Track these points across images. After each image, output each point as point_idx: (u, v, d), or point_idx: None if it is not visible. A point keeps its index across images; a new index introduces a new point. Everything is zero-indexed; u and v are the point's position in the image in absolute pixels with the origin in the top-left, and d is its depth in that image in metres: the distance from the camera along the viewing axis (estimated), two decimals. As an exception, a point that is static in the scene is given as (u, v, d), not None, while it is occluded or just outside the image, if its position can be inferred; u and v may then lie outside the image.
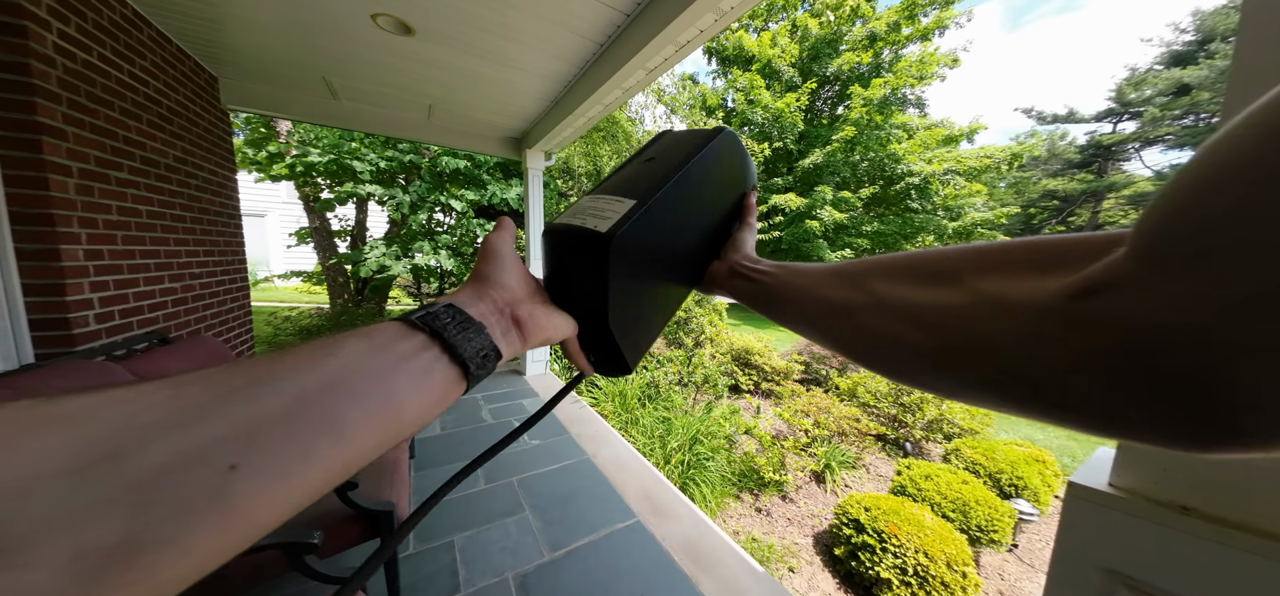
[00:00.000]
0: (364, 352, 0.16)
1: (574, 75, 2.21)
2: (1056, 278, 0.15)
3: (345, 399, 0.15)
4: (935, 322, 0.19)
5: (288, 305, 7.08)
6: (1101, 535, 0.53)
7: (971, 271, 0.19)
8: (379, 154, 5.21)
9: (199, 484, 0.11)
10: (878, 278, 0.23)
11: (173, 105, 2.00)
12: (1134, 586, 0.51)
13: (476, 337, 0.20)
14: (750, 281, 0.33)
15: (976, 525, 2.69)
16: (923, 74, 10.77)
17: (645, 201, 0.29)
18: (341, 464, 0.14)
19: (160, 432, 0.11)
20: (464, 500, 1.72)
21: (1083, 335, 0.14)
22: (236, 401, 0.13)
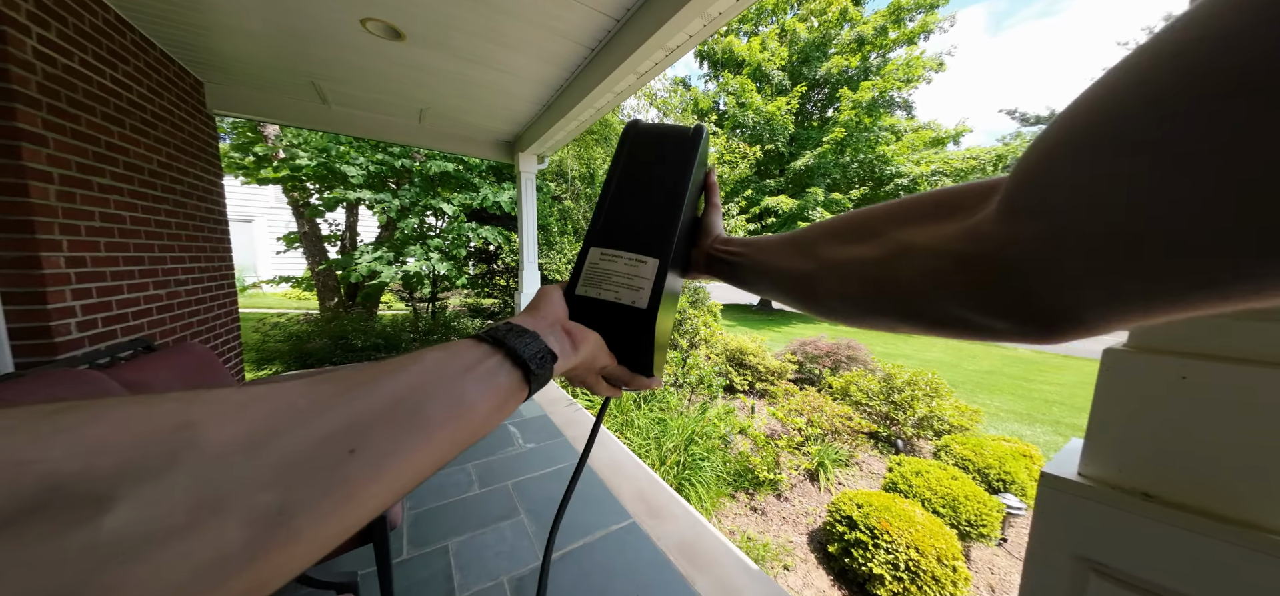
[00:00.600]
0: (440, 361, 0.19)
1: (565, 80, 2.22)
2: (952, 223, 0.19)
3: (429, 399, 0.18)
4: (863, 273, 0.24)
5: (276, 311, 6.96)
6: (1072, 523, 0.55)
7: (891, 226, 0.23)
8: (369, 158, 5.16)
9: (328, 463, 0.14)
10: (822, 243, 0.27)
11: (157, 110, 1.97)
12: (1103, 572, 0.53)
13: (532, 342, 0.23)
14: (726, 264, 0.36)
15: (966, 520, 2.74)
16: (909, 77, 10.99)
17: (665, 259, 0.31)
18: (428, 457, 0.17)
19: (306, 417, 0.14)
20: (458, 505, 1.71)
21: (966, 271, 0.18)
22: (352, 398, 0.16)
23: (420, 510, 1.66)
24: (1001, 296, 0.17)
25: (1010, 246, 0.16)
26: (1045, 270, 0.15)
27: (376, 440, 0.15)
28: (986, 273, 0.17)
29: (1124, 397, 0.53)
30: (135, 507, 0.10)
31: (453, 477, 1.93)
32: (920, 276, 0.20)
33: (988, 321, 0.18)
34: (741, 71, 12.46)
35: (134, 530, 0.10)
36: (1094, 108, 0.13)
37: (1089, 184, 0.13)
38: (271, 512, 0.12)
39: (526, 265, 3.51)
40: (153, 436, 0.11)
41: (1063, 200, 0.14)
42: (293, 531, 0.12)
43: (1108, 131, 0.12)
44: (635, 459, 2.18)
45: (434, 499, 1.75)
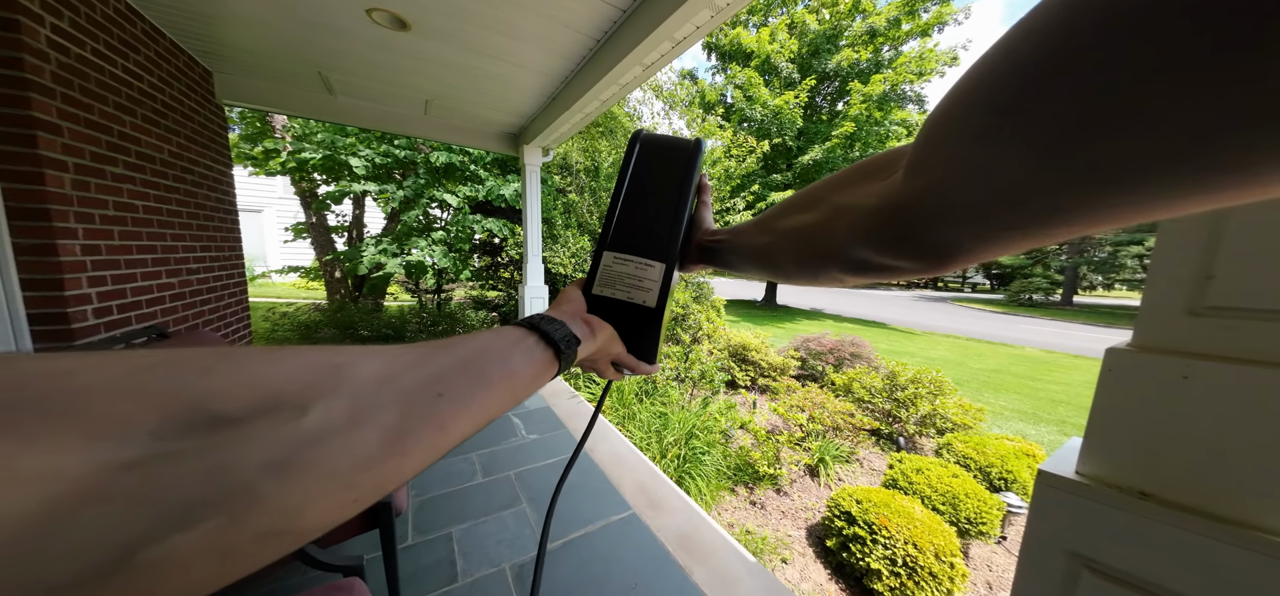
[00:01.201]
0: (492, 338, 0.25)
1: (571, 71, 2.20)
2: (876, 181, 0.23)
3: (487, 363, 0.23)
4: (808, 238, 0.28)
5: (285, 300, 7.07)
6: (1067, 520, 0.55)
7: (830, 191, 0.27)
8: (375, 149, 5.18)
9: (428, 400, 0.19)
10: (779, 217, 0.32)
11: (167, 100, 2.00)
12: (1095, 568, 0.53)
13: (561, 328, 0.29)
14: (714, 253, 0.40)
15: (966, 517, 2.74)
16: (922, 70, 10.76)
17: (671, 263, 0.36)
18: (488, 407, 0.22)
19: (411, 367, 0.19)
20: (461, 493, 1.75)
21: (880, 218, 0.22)
22: (438, 357, 0.21)
23: (425, 497, 1.70)
24: (901, 238, 0.21)
25: (908, 198, 0.19)
26: (930, 215, 0.18)
27: (456, 388, 0.20)
28: (890, 219, 0.21)
29: (1125, 396, 0.53)
30: (320, 414, 0.15)
31: (456, 467, 1.96)
32: (848, 231, 0.24)
33: (891, 260, 0.22)
34: (750, 64, 12.27)
35: (319, 428, 0.15)
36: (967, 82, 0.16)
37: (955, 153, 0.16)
38: (392, 429, 0.17)
39: (530, 258, 3.52)
40: (321, 369, 0.16)
41: (939, 161, 0.17)
42: (403, 445, 0.17)
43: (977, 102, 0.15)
44: (636, 451, 2.20)
45: (439, 487, 1.79)
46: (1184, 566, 0.47)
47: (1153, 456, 0.51)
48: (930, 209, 0.18)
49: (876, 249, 0.22)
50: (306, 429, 0.14)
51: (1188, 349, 0.49)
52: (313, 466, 0.14)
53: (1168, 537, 0.48)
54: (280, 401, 0.14)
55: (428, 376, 0.19)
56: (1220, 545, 0.45)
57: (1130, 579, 0.50)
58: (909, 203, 0.19)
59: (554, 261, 5.23)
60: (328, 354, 0.17)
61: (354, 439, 0.16)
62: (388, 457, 0.17)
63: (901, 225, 0.20)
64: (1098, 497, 0.53)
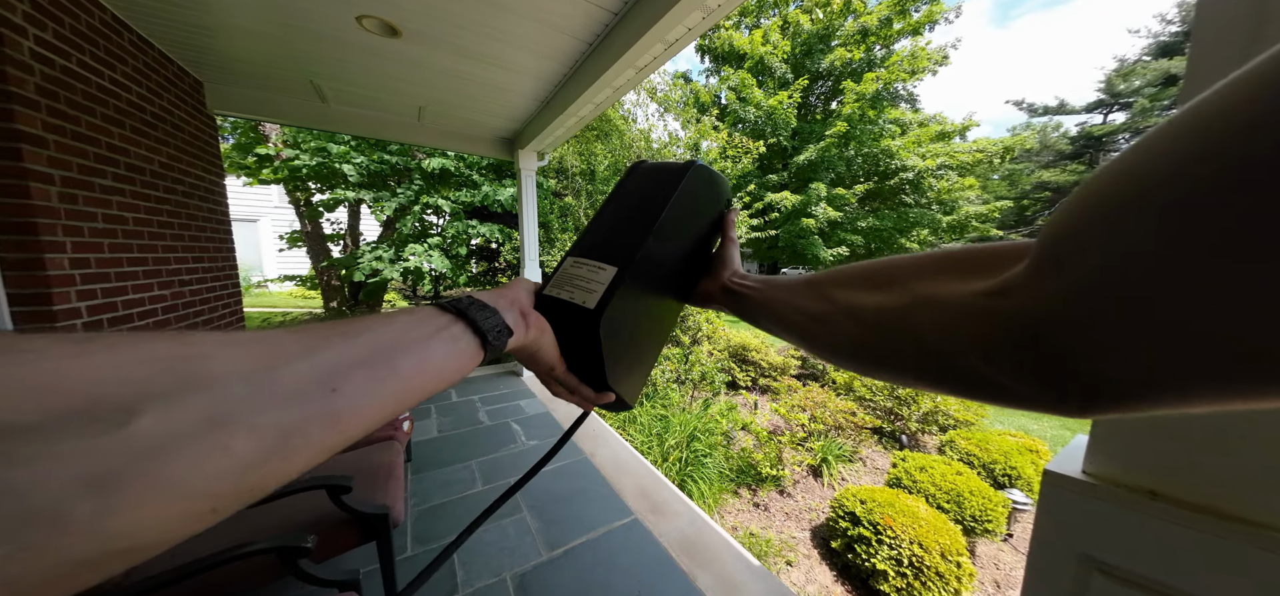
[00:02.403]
0: (411, 324, 0.22)
1: (564, 75, 2.20)
2: (981, 280, 0.18)
3: (400, 354, 0.20)
4: (880, 321, 0.23)
5: (282, 310, 7.02)
6: (1076, 521, 0.54)
7: (914, 277, 0.22)
8: (369, 156, 5.17)
9: (318, 397, 0.16)
10: (840, 287, 0.27)
11: (157, 111, 1.98)
12: (1108, 571, 0.52)
13: (492, 317, 0.26)
14: (740, 297, 0.37)
15: (971, 515, 2.73)
16: (914, 69, 10.83)
17: (625, 268, 0.32)
18: (397, 401, 0.20)
19: (296, 358, 0.17)
20: (461, 502, 1.73)
21: (990, 327, 0.17)
22: (335, 345, 0.18)
23: (424, 507, 1.68)
24: (1024, 356, 0.16)
25: (1038, 301, 0.15)
26: (1073, 331, 0.14)
27: (356, 383, 0.18)
28: (1011, 328, 0.16)
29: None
30: (158, 418, 0.13)
31: (456, 475, 1.94)
32: (942, 330, 0.19)
33: (1009, 382, 0.17)
34: (743, 65, 12.32)
35: (160, 434, 0.13)
36: (1164, 153, 0.12)
37: (1137, 250, 0.12)
38: (269, 431, 0.15)
39: (527, 262, 3.51)
40: (161, 364, 0.14)
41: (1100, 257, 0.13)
42: (288, 448, 0.15)
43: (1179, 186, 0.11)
44: (637, 456, 2.18)
45: (439, 496, 1.76)
46: (1199, 568, 0.46)
47: (1161, 455, 0.49)
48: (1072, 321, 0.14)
49: (996, 364, 0.17)
50: (135, 437, 0.12)
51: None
52: (148, 481, 0.12)
53: (1181, 538, 0.47)
54: (95, 404, 0.12)
55: (320, 369, 0.17)
56: (1235, 546, 0.44)
57: (1145, 582, 0.49)
58: (1040, 307, 0.15)
59: (551, 265, 5.22)
60: (176, 344, 0.14)
61: (209, 445, 0.13)
62: (262, 463, 0.14)
63: (1028, 338, 0.16)
64: (1106, 498, 0.52)
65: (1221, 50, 0.43)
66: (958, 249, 0.22)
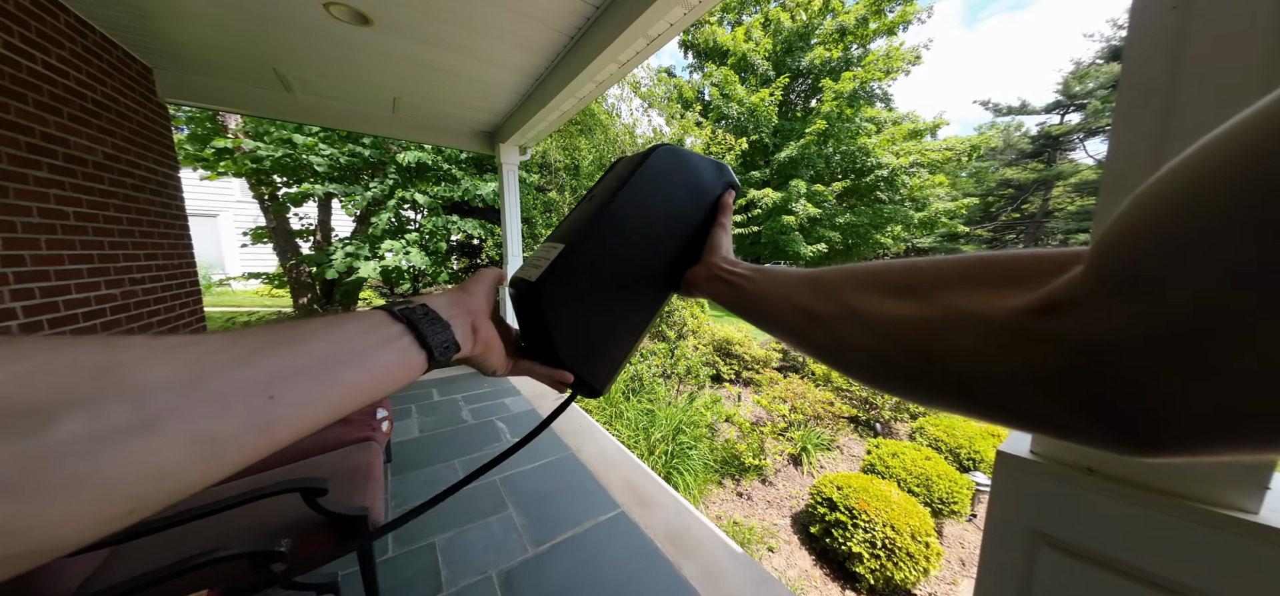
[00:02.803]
0: (356, 333, 0.22)
1: (545, 68, 2.17)
2: (1019, 294, 0.16)
3: (344, 364, 0.20)
4: (902, 334, 0.20)
5: (247, 309, 6.66)
6: (1025, 498, 0.59)
7: (940, 286, 0.20)
8: (339, 149, 4.94)
9: (252, 405, 0.16)
10: (850, 288, 0.24)
11: (99, 98, 1.83)
12: (1054, 544, 0.57)
13: (443, 332, 0.26)
14: (727, 285, 0.34)
15: (939, 498, 2.88)
16: (889, 68, 11.17)
17: (573, 244, 0.33)
18: (336, 409, 0.20)
19: (230, 366, 0.16)
20: (445, 501, 1.70)
21: (1038, 350, 0.15)
22: (274, 354, 0.18)
23: (406, 508, 1.64)
24: (1075, 387, 0.14)
25: (1105, 325, 0.13)
26: (1139, 366, 0.12)
27: (294, 391, 0.18)
28: (1065, 354, 0.14)
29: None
30: (77, 424, 0.13)
31: (439, 474, 1.90)
32: (979, 352, 0.17)
33: (1058, 414, 0.15)
34: (726, 62, 12.40)
35: (77, 439, 0.13)
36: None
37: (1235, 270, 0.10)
38: (196, 437, 0.15)
39: (510, 258, 3.45)
40: (84, 370, 0.13)
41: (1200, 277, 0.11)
42: (216, 454, 0.15)
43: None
44: (624, 450, 2.20)
45: (421, 495, 1.73)
46: (1131, 538, 0.51)
47: None
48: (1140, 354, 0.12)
49: (1041, 394, 0.15)
50: (52, 443, 0.12)
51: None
52: (61, 485, 0.12)
53: (1114, 511, 0.52)
54: (10, 411, 0.12)
55: (257, 377, 0.17)
56: (1162, 517, 0.49)
57: (1085, 552, 0.54)
58: (1099, 335, 0.13)
59: (535, 262, 5.15)
60: (102, 349, 0.14)
61: (130, 451, 0.13)
62: (186, 469, 0.14)
63: (1083, 368, 0.14)
64: (1049, 475, 0.56)
65: (1149, 59, 0.48)
66: (986, 256, 0.19)
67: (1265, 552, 0.43)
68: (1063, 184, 17.47)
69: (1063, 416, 0.15)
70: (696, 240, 0.39)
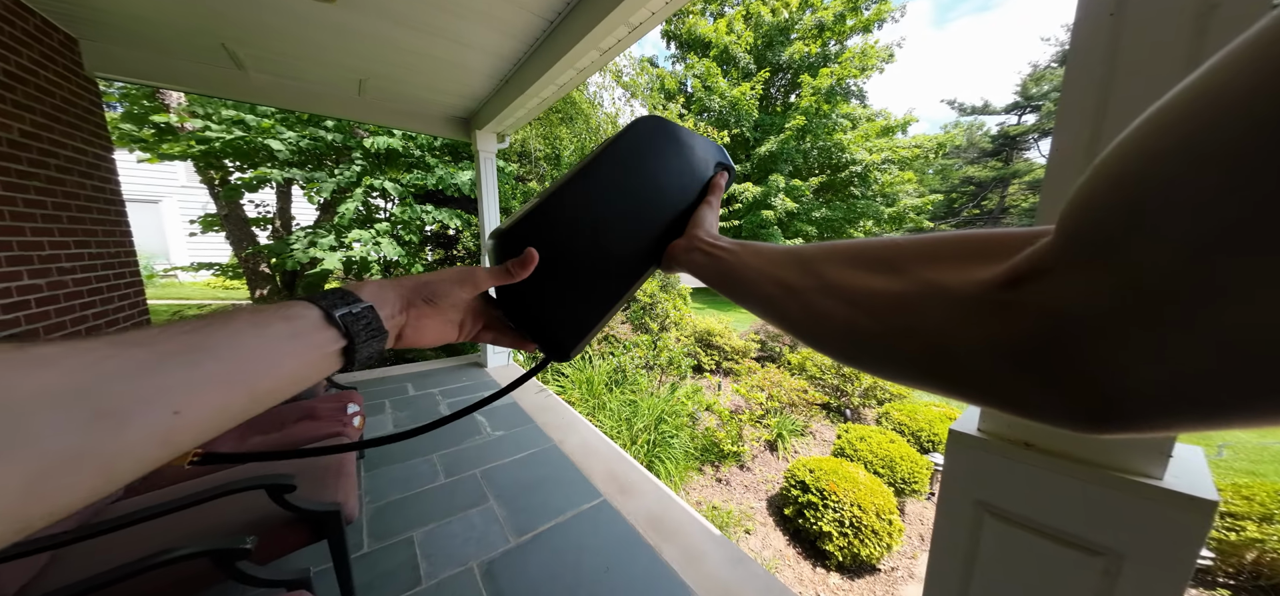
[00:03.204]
0: (285, 336, 0.21)
1: (524, 53, 2.10)
2: (989, 267, 0.16)
3: (265, 371, 0.19)
4: (876, 306, 0.20)
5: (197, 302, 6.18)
6: (972, 472, 0.64)
7: (915, 261, 0.20)
8: (299, 132, 4.61)
9: (152, 416, 0.16)
10: (829, 263, 0.24)
11: (13, 70, 1.63)
12: (996, 513, 0.63)
13: (376, 344, 0.25)
14: (708, 257, 0.33)
15: (902, 478, 3.08)
16: (864, 66, 11.51)
17: (538, 204, 0.34)
18: (249, 412, 0.19)
19: (123, 376, 0.15)
20: (422, 496, 1.67)
21: (1003, 321, 0.15)
22: (176, 366, 0.17)
23: (381, 503, 1.60)
24: (1043, 357, 0.14)
25: (1072, 295, 0.13)
26: (1104, 333, 0.12)
27: (201, 402, 0.17)
28: (1028, 324, 0.14)
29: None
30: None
31: (416, 469, 1.86)
32: (947, 323, 0.17)
33: (1023, 388, 0.15)
34: (708, 53, 12.40)
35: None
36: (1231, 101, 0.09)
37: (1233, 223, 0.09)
38: (81, 455, 0.14)
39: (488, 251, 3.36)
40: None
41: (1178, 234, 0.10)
42: (109, 469, 0.15)
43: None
44: (606, 440, 2.22)
45: (397, 491, 1.69)
46: (1056, 503, 0.57)
47: None
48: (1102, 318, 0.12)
49: (1008, 364, 0.15)
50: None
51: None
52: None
53: (1047, 481, 0.58)
54: None
55: (156, 389, 0.16)
56: (1081, 483, 0.55)
57: (1021, 519, 0.60)
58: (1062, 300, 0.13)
59: (514, 253, 5.03)
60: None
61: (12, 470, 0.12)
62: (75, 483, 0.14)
63: (1048, 336, 0.13)
64: (993, 450, 0.62)
65: (1088, 66, 0.52)
66: (960, 233, 0.20)
67: (1167, 512, 0.50)
68: (1018, 182, 18.63)
69: (1030, 390, 0.15)
70: (681, 216, 0.38)
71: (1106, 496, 0.54)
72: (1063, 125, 0.56)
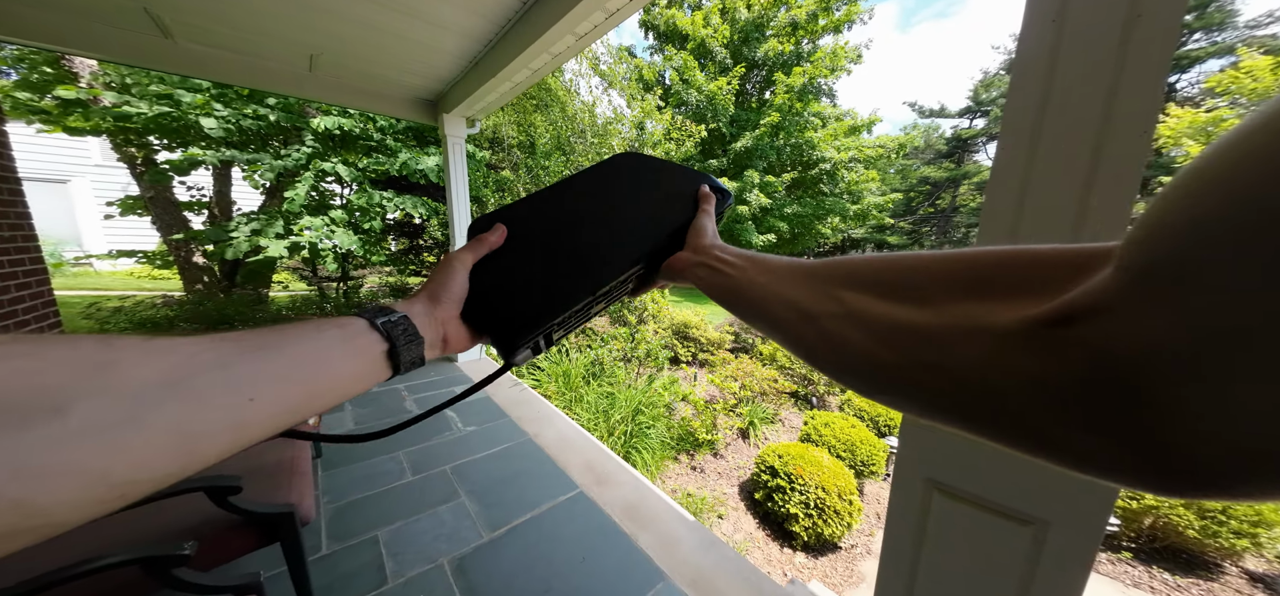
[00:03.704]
0: (339, 340, 0.23)
1: (495, 34, 2.02)
2: (1035, 301, 0.15)
3: (321, 370, 0.22)
4: (900, 341, 0.19)
5: (119, 293, 5.52)
6: (922, 452, 0.70)
7: (943, 289, 0.18)
8: (237, 109, 4.18)
9: (231, 406, 0.18)
10: (847, 286, 0.22)
11: None
12: (942, 489, 0.69)
13: (417, 349, 0.27)
14: (713, 271, 0.32)
15: (862, 460, 3.29)
16: (835, 66, 11.93)
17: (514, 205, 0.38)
18: (305, 411, 0.21)
19: (212, 367, 0.18)
20: (386, 494, 1.60)
21: (1050, 361, 0.13)
22: (256, 358, 0.20)
23: (343, 503, 1.52)
24: (1096, 402, 0.12)
25: (1140, 335, 0.11)
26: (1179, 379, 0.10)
27: (273, 394, 0.20)
28: (1081, 365, 0.13)
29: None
30: (86, 415, 0.14)
31: (381, 467, 1.78)
32: (982, 361, 0.15)
33: (1077, 438, 0.13)
34: (685, 46, 12.40)
35: (87, 430, 0.14)
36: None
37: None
38: (181, 432, 0.17)
39: (457, 241, 3.23)
40: (85, 367, 0.15)
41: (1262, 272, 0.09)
42: (195, 449, 0.17)
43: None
44: (583, 433, 2.22)
45: (359, 490, 1.61)
46: (997, 481, 0.63)
47: None
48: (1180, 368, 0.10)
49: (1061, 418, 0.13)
50: (65, 431, 0.14)
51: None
52: (71, 470, 0.14)
53: (986, 460, 0.63)
54: (27, 400, 0.14)
55: (236, 378, 0.18)
56: (1010, 458, 0.61)
57: (965, 495, 0.66)
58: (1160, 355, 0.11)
59: (486, 244, 4.85)
60: (98, 348, 0.16)
61: (123, 441, 0.15)
62: (170, 460, 0.16)
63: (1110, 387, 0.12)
64: (941, 432, 0.68)
65: (1030, 80, 0.58)
66: (1001, 255, 0.17)
67: (1084, 484, 0.57)
68: (968, 182, 20.10)
69: (1079, 437, 0.13)
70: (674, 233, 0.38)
71: (1035, 472, 0.60)
72: (1007, 129, 0.61)
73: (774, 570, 2.54)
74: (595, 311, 0.38)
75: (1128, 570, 2.51)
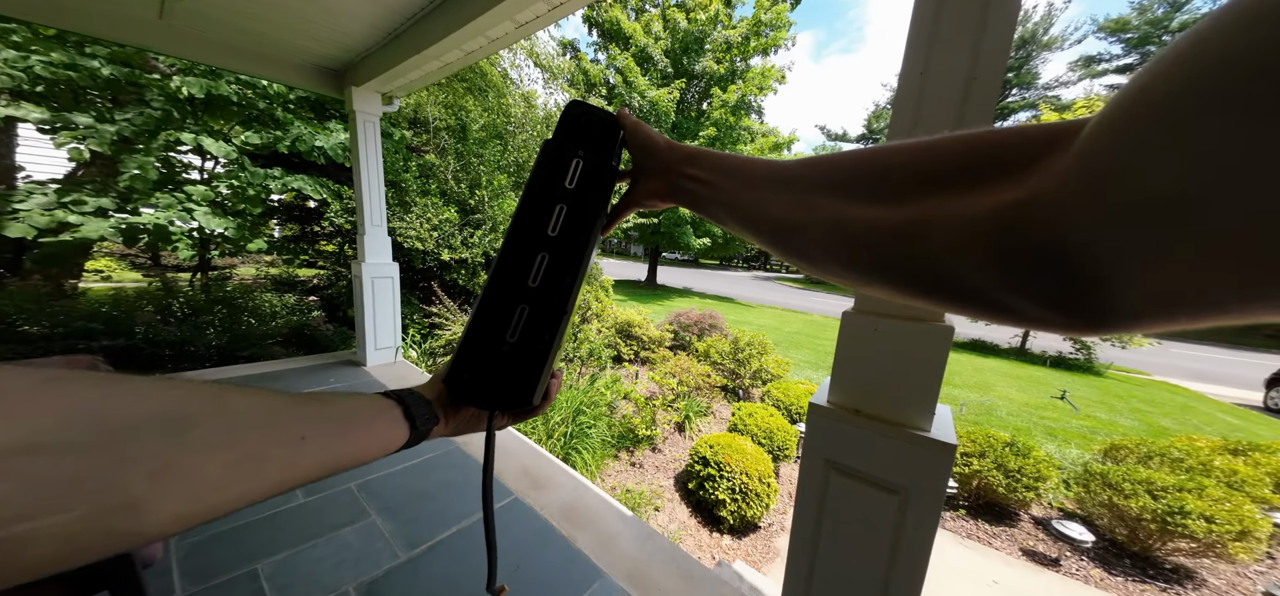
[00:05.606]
0: (364, 403, 0.28)
1: (420, 8, 1.83)
2: (998, 189, 0.16)
3: (354, 425, 0.27)
4: (877, 242, 0.20)
5: None
6: (823, 436, 0.83)
7: (914, 187, 0.19)
8: (43, 50, 3.12)
9: (290, 440, 0.22)
10: (823, 192, 0.23)
11: None
12: (838, 469, 0.82)
13: (429, 429, 0.33)
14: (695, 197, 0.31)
15: (778, 446, 3.67)
16: (763, 85, 13.12)
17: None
18: (340, 460, 0.25)
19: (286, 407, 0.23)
20: (269, 521, 1.36)
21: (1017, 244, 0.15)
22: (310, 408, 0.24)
23: (201, 537, 1.25)
24: (1045, 275, 0.15)
25: (1080, 216, 0.13)
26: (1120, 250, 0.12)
27: (320, 435, 0.23)
28: (1039, 246, 0.15)
29: (849, 343, 0.81)
30: (205, 434, 0.18)
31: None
32: (952, 250, 0.17)
33: (1018, 302, 0.16)
34: (628, 48, 12.55)
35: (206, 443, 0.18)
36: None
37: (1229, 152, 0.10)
38: (250, 457, 0.20)
39: (370, 229, 2.85)
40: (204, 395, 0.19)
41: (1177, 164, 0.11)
42: (261, 470, 0.20)
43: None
44: (520, 437, 2.13)
45: (228, 521, 1.33)
46: (874, 457, 0.77)
47: (860, 385, 0.80)
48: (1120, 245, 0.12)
49: (1011, 286, 0.16)
50: (190, 442, 0.17)
51: (876, 310, 0.79)
52: (184, 475, 0.17)
53: (868, 440, 0.78)
54: (170, 414, 0.17)
55: (293, 420, 0.22)
56: (889, 440, 0.75)
57: (853, 471, 0.79)
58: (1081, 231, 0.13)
59: (407, 233, 4.35)
60: (210, 390, 0.20)
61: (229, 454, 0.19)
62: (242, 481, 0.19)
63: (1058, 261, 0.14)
64: (836, 418, 0.81)
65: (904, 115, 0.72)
66: (962, 137, 0.19)
67: (930, 455, 0.71)
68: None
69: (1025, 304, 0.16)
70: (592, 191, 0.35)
71: (899, 447, 0.75)
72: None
73: (704, 555, 2.72)
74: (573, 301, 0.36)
75: (962, 525, 3.21)
